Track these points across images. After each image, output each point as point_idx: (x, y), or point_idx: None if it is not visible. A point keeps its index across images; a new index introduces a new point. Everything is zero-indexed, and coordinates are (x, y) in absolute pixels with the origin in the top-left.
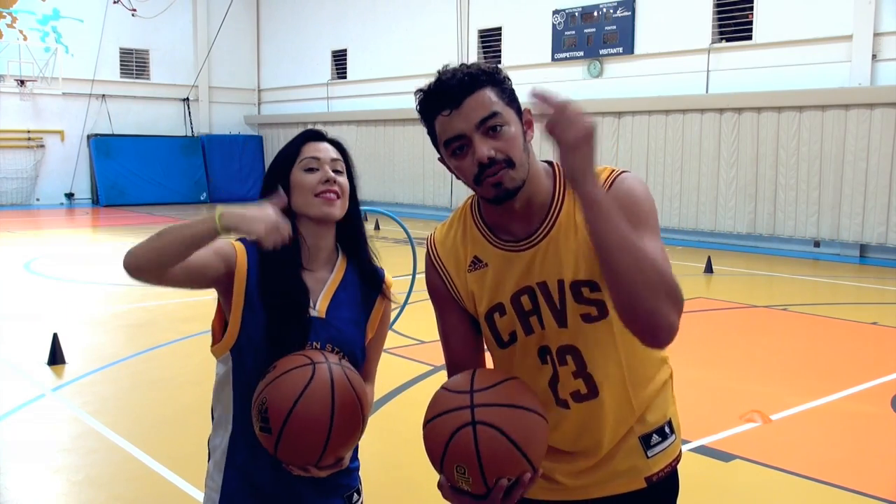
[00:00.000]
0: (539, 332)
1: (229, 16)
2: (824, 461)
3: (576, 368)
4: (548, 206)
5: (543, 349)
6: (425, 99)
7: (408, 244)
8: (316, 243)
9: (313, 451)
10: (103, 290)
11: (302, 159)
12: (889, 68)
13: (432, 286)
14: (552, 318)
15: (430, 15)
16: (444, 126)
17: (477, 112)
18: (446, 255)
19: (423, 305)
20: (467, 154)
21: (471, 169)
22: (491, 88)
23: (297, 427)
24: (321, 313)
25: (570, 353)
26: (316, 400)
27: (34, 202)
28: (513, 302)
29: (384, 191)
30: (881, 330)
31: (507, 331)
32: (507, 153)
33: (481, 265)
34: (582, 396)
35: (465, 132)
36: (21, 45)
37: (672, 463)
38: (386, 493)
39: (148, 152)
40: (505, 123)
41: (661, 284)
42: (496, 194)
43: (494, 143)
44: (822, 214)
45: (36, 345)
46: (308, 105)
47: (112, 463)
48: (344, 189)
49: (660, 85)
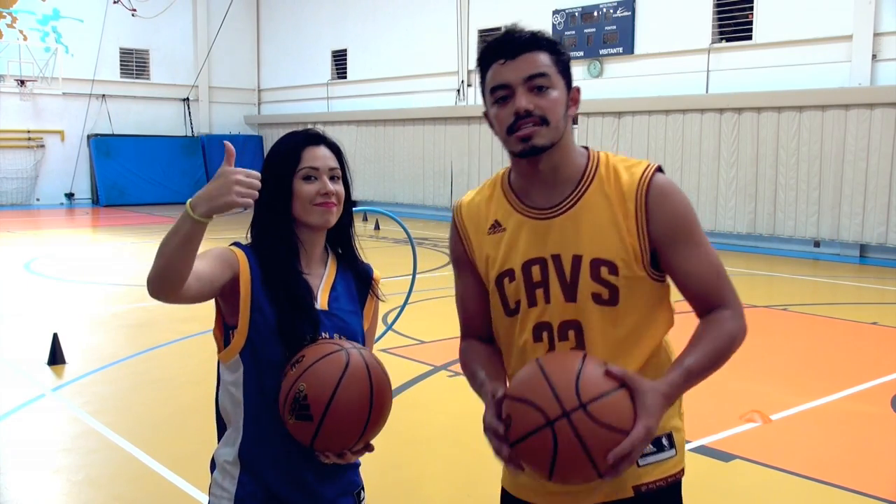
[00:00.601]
0: (542, 305)
1: (229, 16)
2: (824, 461)
3: (575, 345)
4: (576, 181)
5: (540, 326)
6: (487, 47)
7: (408, 244)
8: (309, 245)
9: (353, 434)
10: (103, 290)
11: (301, 168)
12: (889, 68)
13: (452, 248)
14: (560, 292)
15: (430, 15)
16: (495, 73)
17: (527, 67)
18: (469, 216)
19: (423, 305)
20: (508, 105)
21: (507, 119)
22: (548, 54)
23: (340, 412)
24: (324, 306)
25: (573, 329)
26: (355, 383)
27: (34, 202)
28: (523, 269)
29: (384, 191)
30: (881, 330)
31: (514, 298)
32: (544, 112)
33: (500, 229)
34: None
35: (511, 82)
36: (21, 45)
37: (667, 478)
38: (386, 493)
39: (148, 152)
40: (551, 86)
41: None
42: (523, 148)
43: (535, 100)
44: (822, 214)
45: (36, 345)
46: (308, 105)
47: (112, 463)
48: (340, 197)
49: (660, 85)
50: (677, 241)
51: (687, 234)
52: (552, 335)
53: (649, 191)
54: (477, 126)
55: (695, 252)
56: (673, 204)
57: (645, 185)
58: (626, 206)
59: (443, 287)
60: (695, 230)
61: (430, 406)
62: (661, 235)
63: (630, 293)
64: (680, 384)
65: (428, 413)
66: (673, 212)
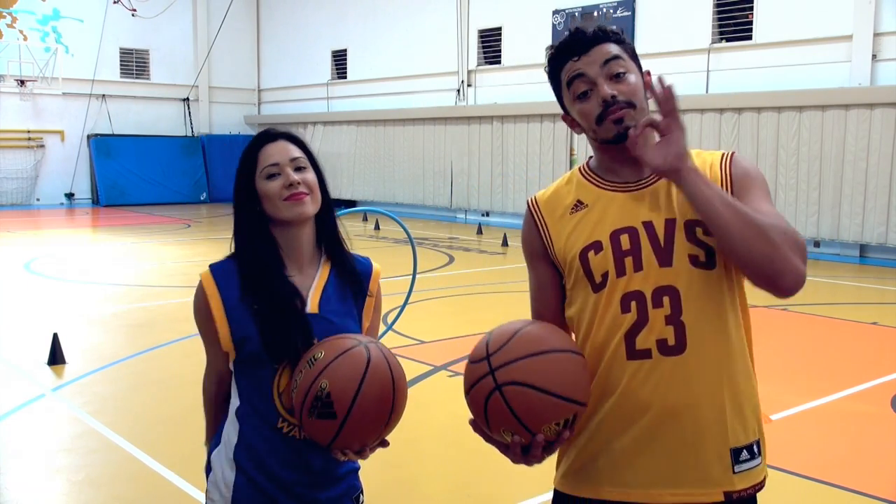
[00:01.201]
0: (630, 274)
1: (229, 16)
2: (824, 461)
3: (670, 312)
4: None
5: (628, 296)
6: (556, 49)
7: (408, 244)
8: (294, 245)
9: (376, 431)
10: (103, 290)
11: (262, 168)
12: (889, 68)
13: (526, 239)
14: (654, 258)
15: (430, 15)
16: (572, 68)
17: (602, 55)
18: (546, 203)
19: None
20: (591, 97)
21: (594, 109)
22: (618, 45)
23: (364, 408)
24: (314, 309)
25: (669, 295)
26: (378, 380)
27: (34, 202)
28: (612, 239)
29: (384, 191)
30: (881, 330)
31: (601, 270)
32: (629, 96)
33: (583, 206)
34: (668, 348)
35: (589, 73)
36: (21, 45)
37: (756, 486)
38: (386, 493)
39: (148, 152)
40: (627, 70)
41: (773, 230)
42: (618, 131)
43: (617, 86)
44: (822, 214)
45: (36, 345)
46: (308, 105)
47: (112, 463)
48: (311, 184)
49: None
50: (747, 188)
51: (757, 186)
52: (645, 303)
53: (733, 160)
54: (477, 126)
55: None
56: (750, 165)
57: (729, 156)
58: (713, 172)
59: (443, 287)
60: (759, 186)
61: (430, 406)
62: (737, 191)
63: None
64: (706, 182)
65: (428, 413)
66: (747, 168)
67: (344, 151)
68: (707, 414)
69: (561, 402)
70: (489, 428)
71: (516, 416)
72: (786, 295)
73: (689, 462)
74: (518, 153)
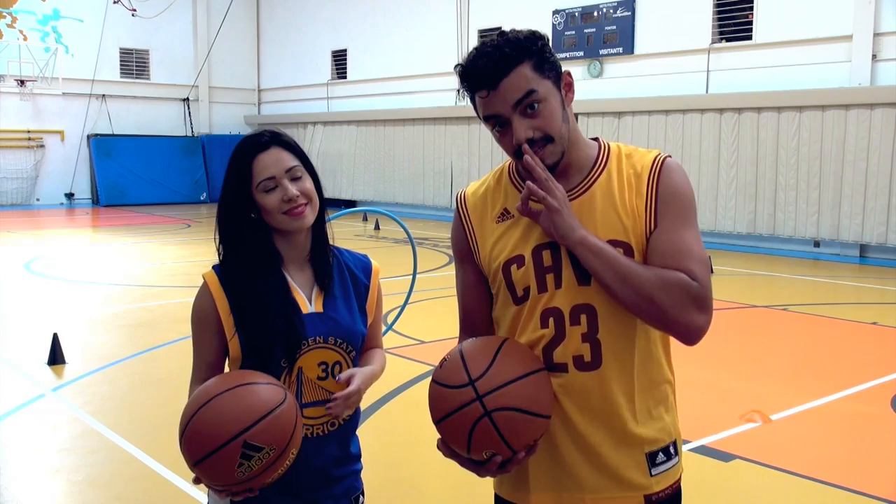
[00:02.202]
0: (551, 291)
1: (229, 16)
2: (824, 461)
3: (587, 330)
4: (588, 169)
5: (547, 312)
6: (462, 74)
7: (408, 244)
8: (292, 245)
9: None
10: (103, 290)
11: (258, 182)
12: (889, 68)
13: (455, 239)
14: (573, 276)
15: (430, 15)
16: (483, 105)
17: (512, 94)
18: (473, 206)
19: (423, 305)
20: (507, 132)
21: (511, 146)
22: (527, 64)
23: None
24: (318, 308)
25: (586, 313)
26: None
27: (34, 202)
28: (533, 254)
29: (384, 191)
30: (881, 330)
31: (523, 285)
32: (544, 130)
33: (509, 216)
34: (584, 364)
35: (502, 114)
36: (21, 45)
37: (674, 485)
38: (386, 493)
39: (148, 152)
40: (541, 100)
41: (662, 294)
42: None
43: (532, 122)
44: (822, 214)
45: (36, 345)
46: (308, 105)
47: (112, 463)
48: (309, 193)
49: (660, 85)
50: (669, 211)
51: (680, 210)
52: (563, 320)
53: (662, 169)
54: (477, 126)
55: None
56: (678, 180)
57: (659, 165)
58: (639, 186)
59: (443, 287)
60: (684, 213)
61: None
62: (661, 208)
63: None
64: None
65: (428, 413)
66: (675, 186)
67: (344, 151)
68: (622, 423)
69: (542, 419)
70: (469, 451)
71: (504, 440)
72: (688, 344)
73: (610, 468)
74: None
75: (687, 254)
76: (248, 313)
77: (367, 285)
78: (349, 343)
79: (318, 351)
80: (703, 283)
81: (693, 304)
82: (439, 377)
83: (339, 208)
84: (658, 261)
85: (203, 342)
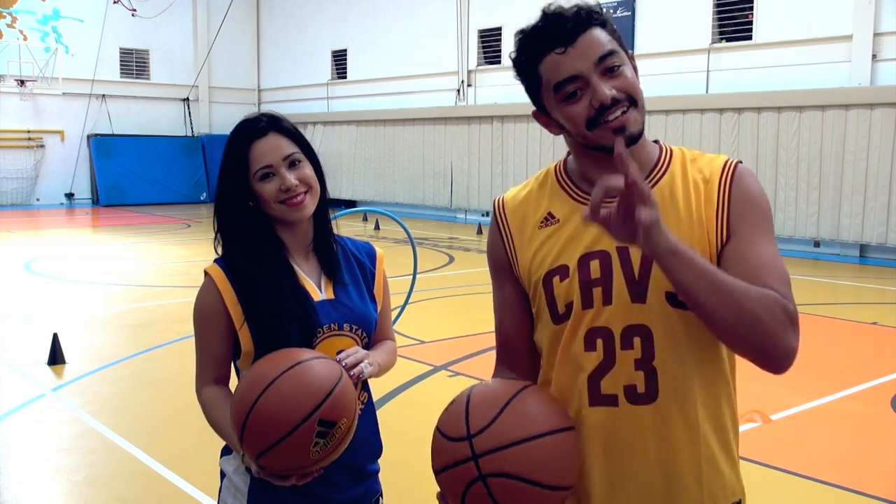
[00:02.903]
0: (598, 307)
1: (229, 16)
2: (824, 461)
3: (641, 356)
4: (651, 166)
5: (594, 332)
6: (530, 37)
7: (408, 244)
8: (296, 238)
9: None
10: (103, 290)
11: (255, 170)
12: (889, 68)
13: (491, 250)
14: (626, 291)
15: (430, 15)
16: (557, 66)
17: (594, 49)
18: (514, 211)
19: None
20: (582, 97)
21: (585, 113)
22: (604, 28)
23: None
24: (330, 296)
25: (640, 336)
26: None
27: (34, 202)
28: (580, 265)
29: (384, 191)
30: (881, 330)
31: (565, 300)
32: (628, 91)
33: (553, 221)
34: (637, 396)
35: (582, 72)
36: (21, 45)
37: None
38: (385, 493)
39: (148, 152)
40: (623, 63)
41: (765, 315)
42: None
43: (615, 83)
44: (822, 214)
45: (36, 345)
46: (308, 105)
47: (112, 463)
48: (308, 180)
49: (660, 85)
50: (747, 222)
51: (760, 220)
52: (612, 343)
53: (734, 175)
54: (477, 126)
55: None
56: (754, 187)
57: (731, 170)
58: (708, 191)
59: (443, 287)
60: (760, 221)
61: (430, 406)
62: (734, 218)
63: None
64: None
65: (428, 413)
66: (751, 193)
67: (344, 151)
68: (679, 474)
69: (553, 492)
70: None
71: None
72: (777, 373)
73: None
74: (518, 153)
75: (771, 269)
76: (258, 303)
77: (372, 271)
78: (364, 329)
79: (334, 338)
80: (793, 302)
81: (791, 325)
82: (440, 422)
83: (340, 208)
84: (739, 276)
85: (211, 339)
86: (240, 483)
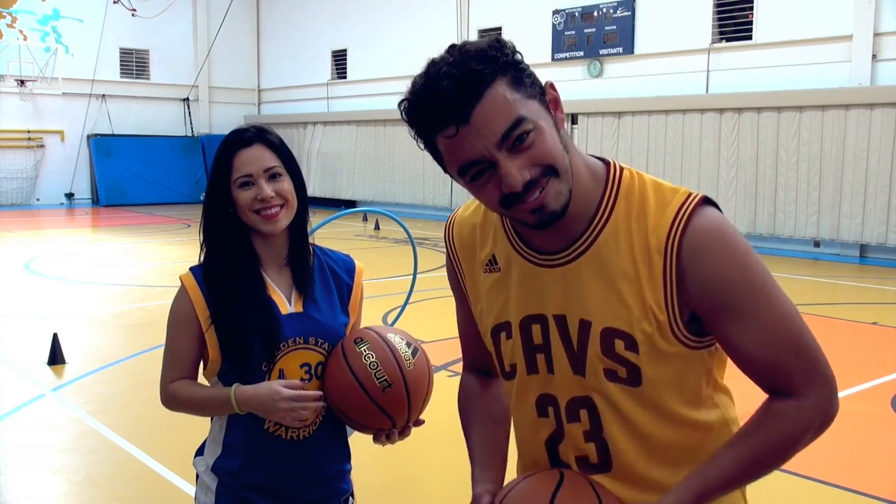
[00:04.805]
0: (544, 374)
1: (229, 16)
2: (824, 461)
3: (590, 428)
4: (589, 217)
5: (544, 399)
6: (416, 113)
7: (408, 244)
8: (270, 250)
9: (423, 402)
10: (103, 290)
11: (236, 177)
12: (889, 68)
13: (448, 271)
14: (566, 362)
15: (430, 15)
16: (454, 149)
17: (494, 125)
18: (461, 242)
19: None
20: (489, 179)
21: (497, 195)
22: (503, 81)
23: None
24: (298, 309)
25: (586, 408)
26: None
27: (34, 202)
28: (521, 328)
29: (384, 191)
30: (881, 330)
31: (510, 360)
32: (544, 161)
33: (496, 268)
34: (592, 466)
35: (484, 155)
36: (21, 45)
37: None
38: (386, 493)
39: (148, 152)
40: (534, 127)
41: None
42: (539, 219)
43: (528, 156)
44: (822, 214)
45: (36, 345)
46: (308, 105)
47: (112, 463)
48: (286, 194)
49: (660, 85)
50: (720, 311)
51: (736, 304)
52: (559, 413)
53: (683, 240)
54: None
55: (750, 326)
56: (714, 261)
57: (678, 231)
58: (651, 260)
59: (443, 287)
60: (746, 297)
61: (430, 406)
62: (701, 302)
63: (659, 370)
64: (708, 490)
65: (428, 413)
66: (711, 274)
67: (344, 151)
68: None
69: None
70: None
71: None
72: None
73: None
74: None
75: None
76: (225, 313)
77: (350, 285)
78: (330, 343)
79: (299, 352)
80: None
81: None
82: None
83: (340, 208)
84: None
85: (179, 342)
86: (209, 481)
